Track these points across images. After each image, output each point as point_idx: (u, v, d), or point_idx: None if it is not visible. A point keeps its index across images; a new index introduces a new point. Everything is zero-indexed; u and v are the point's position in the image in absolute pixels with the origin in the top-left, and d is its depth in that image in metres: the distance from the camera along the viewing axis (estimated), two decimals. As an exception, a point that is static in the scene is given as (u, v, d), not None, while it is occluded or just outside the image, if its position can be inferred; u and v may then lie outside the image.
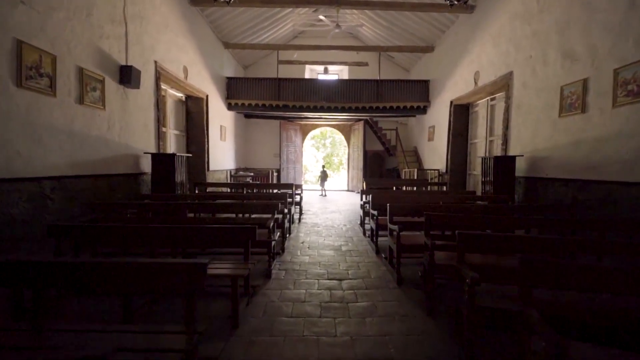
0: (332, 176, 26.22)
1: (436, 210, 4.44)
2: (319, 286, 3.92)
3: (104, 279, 2.04)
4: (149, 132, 6.86)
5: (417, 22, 10.81)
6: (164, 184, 6.28)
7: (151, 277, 1.99)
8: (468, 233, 2.57)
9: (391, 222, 4.35)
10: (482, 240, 2.60)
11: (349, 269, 4.57)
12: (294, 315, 3.16)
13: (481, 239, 2.60)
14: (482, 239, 2.61)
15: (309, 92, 12.31)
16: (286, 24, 13.11)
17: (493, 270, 2.72)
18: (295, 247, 5.78)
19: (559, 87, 5.46)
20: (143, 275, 1.99)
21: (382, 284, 3.99)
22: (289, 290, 3.78)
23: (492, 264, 3.03)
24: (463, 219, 3.53)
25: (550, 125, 5.69)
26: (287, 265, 4.71)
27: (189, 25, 8.76)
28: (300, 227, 7.60)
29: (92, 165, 5.17)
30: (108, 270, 2.02)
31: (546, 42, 5.83)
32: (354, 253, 5.40)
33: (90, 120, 5.14)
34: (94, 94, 5.23)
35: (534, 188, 6.05)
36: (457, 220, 3.57)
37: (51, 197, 4.42)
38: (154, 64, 7.05)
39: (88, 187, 5.07)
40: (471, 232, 2.60)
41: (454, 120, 9.87)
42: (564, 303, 2.25)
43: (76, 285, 2.10)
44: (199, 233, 3.17)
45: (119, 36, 5.88)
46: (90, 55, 5.15)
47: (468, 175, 9.80)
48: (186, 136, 9.82)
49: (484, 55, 8.05)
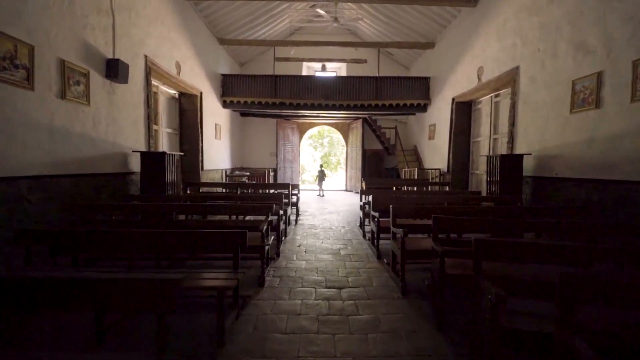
0: (330, 176, 25.90)
1: (443, 213, 4.14)
2: (316, 296, 3.59)
3: (65, 296, 1.73)
4: (139, 129, 6.54)
5: (417, 17, 10.50)
6: (154, 184, 5.96)
7: (119, 294, 1.68)
8: (486, 240, 2.27)
9: (395, 225, 4.02)
10: (501, 248, 2.29)
11: (349, 276, 4.26)
12: (288, 330, 2.83)
13: (500, 246, 2.30)
14: (501, 246, 2.31)
15: (306, 89, 11.99)
16: (283, 19, 12.79)
17: (518, 282, 2.40)
18: (291, 251, 5.46)
19: (570, 82, 5.16)
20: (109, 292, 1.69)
21: (386, 294, 3.66)
22: (283, 301, 3.44)
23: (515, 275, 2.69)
24: (473, 223, 3.23)
25: (561, 121, 5.39)
26: (282, 272, 4.38)
27: (182, 20, 8.43)
28: (297, 229, 7.28)
29: (75, 164, 4.84)
30: (69, 286, 1.71)
31: (556, 34, 5.53)
32: (354, 257, 5.08)
33: (73, 116, 4.81)
34: (78, 88, 4.90)
35: (542, 188, 5.75)
36: (467, 223, 3.27)
37: (28, 198, 4.09)
38: (144, 58, 6.72)
39: (70, 188, 4.74)
40: (489, 239, 2.29)
41: (455, 118, 9.57)
42: (612, 325, 1.92)
43: (31, 303, 1.79)
44: (185, 239, 2.86)
45: (106, 28, 5.55)
46: (73, 47, 4.82)
47: (470, 174, 9.50)
48: (179, 134, 9.49)
49: (488, 50, 7.75)
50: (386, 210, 5.61)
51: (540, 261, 2.46)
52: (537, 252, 2.32)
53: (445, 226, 3.29)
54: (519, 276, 2.57)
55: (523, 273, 2.72)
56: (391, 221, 4.06)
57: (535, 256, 2.30)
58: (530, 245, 2.36)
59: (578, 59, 5.05)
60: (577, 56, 5.07)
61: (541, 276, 2.53)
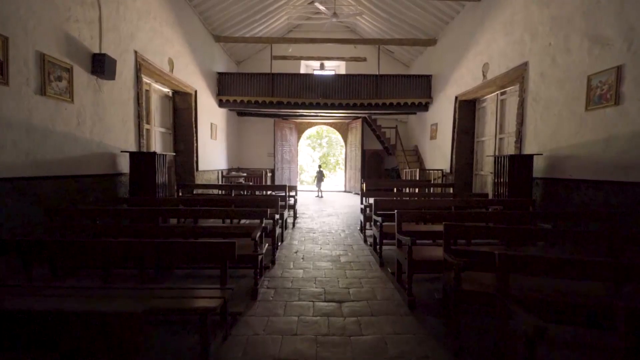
0: (329, 176, 25.57)
1: (450, 218, 3.82)
2: (314, 311, 3.23)
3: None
4: (128, 128, 6.20)
5: (418, 12, 10.17)
6: (144, 186, 5.64)
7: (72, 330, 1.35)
8: (512, 255, 1.95)
9: (400, 232, 3.68)
10: (532, 264, 1.96)
11: (350, 287, 3.90)
12: (282, 355, 2.47)
13: (530, 262, 1.97)
14: (532, 262, 1.98)
15: (304, 88, 11.66)
16: (280, 16, 12.46)
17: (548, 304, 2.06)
18: (287, 257, 5.11)
19: (586, 77, 4.85)
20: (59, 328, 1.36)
21: (391, 309, 3.29)
22: (277, 318, 3.08)
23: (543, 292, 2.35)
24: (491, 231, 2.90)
25: (575, 120, 5.07)
26: (277, 282, 4.03)
27: (175, 15, 8.10)
28: (295, 233, 6.94)
29: (57, 165, 4.51)
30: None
31: (569, 26, 5.21)
32: (355, 265, 4.73)
33: (55, 113, 4.48)
34: (60, 84, 4.57)
35: (554, 190, 5.43)
36: (483, 231, 2.94)
37: (4, 201, 3.77)
38: (133, 54, 6.38)
39: (52, 191, 4.42)
40: (516, 254, 1.97)
41: (459, 117, 9.24)
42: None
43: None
44: (168, 250, 2.53)
45: (91, 21, 5.22)
46: (54, 40, 4.48)
47: (474, 175, 9.18)
48: (173, 134, 9.16)
49: (494, 46, 7.43)
50: (389, 214, 5.30)
51: (571, 277, 2.14)
52: (574, 270, 1.99)
53: (458, 234, 2.96)
54: (548, 295, 2.24)
55: (549, 289, 2.40)
56: (396, 227, 3.71)
57: (570, 274, 1.97)
58: (565, 262, 2.02)
59: (594, 52, 4.74)
60: (593, 50, 4.75)
61: (572, 295, 2.21)
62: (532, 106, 6.14)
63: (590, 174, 4.76)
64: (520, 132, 6.44)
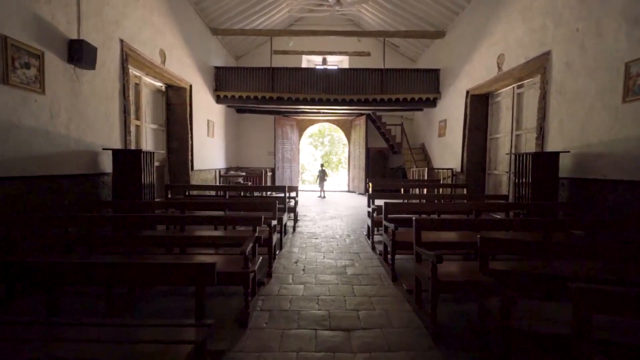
0: (332, 176, 24.98)
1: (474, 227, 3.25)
2: (317, 344, 2.61)
3: None
4: (112, 124, 5.65)
5: (425, 3, 9.58)
6: (129, 187, 5.09)
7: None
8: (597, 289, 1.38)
9: (419, 244, 3.09)
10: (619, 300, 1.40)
11: (360, 309, 3.28)
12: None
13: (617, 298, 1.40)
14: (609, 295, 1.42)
15: (306, 83, 11.08)
16: (281, 9, 11.87)
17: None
18: (286, 269, 4.52)
19: (623, 64, 4.27)
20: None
21: (412, 341, 2.65)
22: (271, 354, 2.47)
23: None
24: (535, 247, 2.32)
25: (610, 113, 4.49)
26: (272, 302, 3.42)
27: (168, 4, 7.54)
28: (295, 238, 6.36)
29: (24, 163, 3.96)
30: None
31: (601, 9, 4.64)
32: (364, 279, 4.13)
33: (21, 105, 3.93)
34: (27, 72, 4.02)
35: (585, 192, 4.85)
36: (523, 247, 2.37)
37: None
38: (119, 42, 5.83)
39: (18, 193, 3.86)
40: (597, 287, 1.41)
41: (470, 113, 8.65)
42: None
43: None
44: (135, 272, 1.99)
45: (68, 3, 4.66)
46: (20, 22, 3.92)
47: (487, 174, 8.59)
48: (166, 131, 8.60)
49: (511, 35, 6.83)
50: (400, 218, 4.71)
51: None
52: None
53: (496, 249, 2.39)
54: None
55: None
56: (414, 239, 3.12)
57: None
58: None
59: (634, 36, 4.15)
60: (633, 33, 4.17)
61: None
62: (556, 99, 5.56)
63: (629, 174, 4.18)
64: (542, 128, 5.85)
